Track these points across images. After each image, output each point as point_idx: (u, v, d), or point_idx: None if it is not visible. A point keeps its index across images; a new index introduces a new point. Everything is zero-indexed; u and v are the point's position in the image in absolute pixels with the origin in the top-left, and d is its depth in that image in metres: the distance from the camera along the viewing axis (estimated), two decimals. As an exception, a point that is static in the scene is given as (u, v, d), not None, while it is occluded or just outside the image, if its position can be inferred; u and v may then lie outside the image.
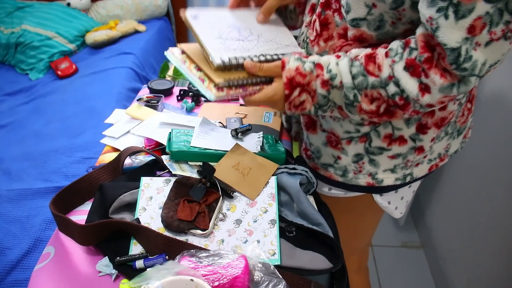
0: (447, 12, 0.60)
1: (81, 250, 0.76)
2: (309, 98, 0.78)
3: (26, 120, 1.84)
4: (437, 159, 0.93)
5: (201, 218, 0.75)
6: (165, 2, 2.62)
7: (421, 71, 0.67)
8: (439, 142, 0.89)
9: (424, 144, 0.86)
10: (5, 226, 1.28)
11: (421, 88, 0.68)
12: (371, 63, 0.71)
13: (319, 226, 0.78)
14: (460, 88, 0.66)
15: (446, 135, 0.89)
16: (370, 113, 0.75)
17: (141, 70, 2.19)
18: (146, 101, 1.18)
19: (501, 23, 0.59)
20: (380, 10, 0.71)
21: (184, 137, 0.93)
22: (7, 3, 2.46)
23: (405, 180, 0.92)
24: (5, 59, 2.31)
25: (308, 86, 0.77)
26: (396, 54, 0.69)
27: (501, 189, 1.37)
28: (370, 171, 0.90)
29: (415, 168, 0.92)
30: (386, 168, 0.89)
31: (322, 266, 0.72)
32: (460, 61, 0.62)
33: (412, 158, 0.88)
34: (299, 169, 0.86)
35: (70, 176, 1.46)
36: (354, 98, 0.74)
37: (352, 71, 0.73)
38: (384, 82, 0.70)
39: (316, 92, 0.77)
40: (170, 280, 0.60)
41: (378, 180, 0.91)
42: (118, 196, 0.79)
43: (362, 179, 0.92)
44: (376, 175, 0.90)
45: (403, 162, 0.88)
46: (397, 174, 0.90)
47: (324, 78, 0.75)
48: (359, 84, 0.73)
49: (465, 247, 1.60)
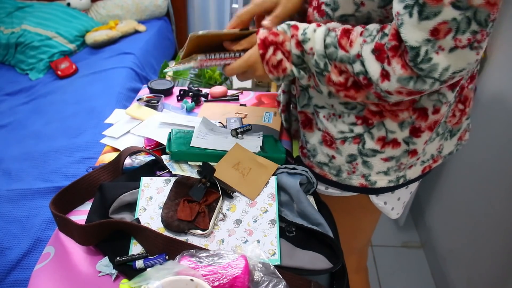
0: (412, 10, 0.61)
1: (81, 250, 0.76)
2: (285, 59, 0.79)
3: (26, 120, 1.84)
4: (430, 161, 0.93)
5: (201, 218, 0.75)
6: (165, 2, 2.62)
7: (385, 57, 0.68)
8: (431, 144, 0.89)
9: (418, 147, 0.86)
10: (5, 226, 1.28)
11: (382, 74, 0.69)
12: (345, 37, 0.72)
13: (319, 226, 0.78)
14: (417, 83, 0.67)
15: (438, 136, 0.89)
16: (338, 85, 0.76)
17: (141, 70, 2.19)
18: (146, 101, 1.18)
19: (467, 32, 0.60)
20: (368, 8, 0.73)
21: (184, 137, 0.93)
22: (7, 3, 2.46)
23: (398, 182, 0.92)
24: (5, 59, 2.32)
25: (282, 45, 0.78)
26: (369, 35, 0.70)
27: (501, 189, 1.37)
28: (364, 172, 0.90)
29: (408, 170, 0.92)
30: (379, 170, 0.89)
31: (322, 266, 0.72)
32: (418, 60, 0.63)
33: (406, 161, 0.88)
34: (299, 169, 0.86)
35: (70, 176, 1.46)
36: (324, 67, 0.75)
37: (326, 39, 0.74)
38: (352, 59, 0.71)
39: (291, 53, 0.78)
40: (170, 280, 0.60)
41: (371, 181, 0.91)
42: (118, 196, 0.79)
43: (355, 180, 0.92)
44: (369, 176, 0.91)
45: (397, 165, 0.88)
46: (390, 176, 0.90)
47: (298, 39, 0.77)
48: (329, 54, 0.74)
49: (465, 247, 1.60)
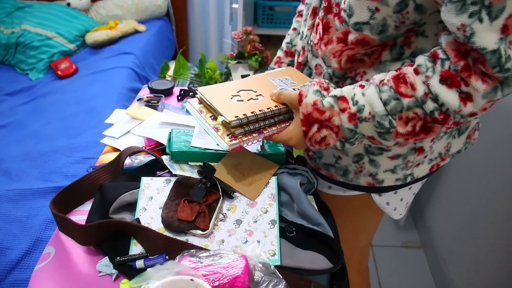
0: (481, 15, 0.58)
1: (81, 250, 0.76)
2: (332, 134, 0.75)
3: (26, 120, 1.84)
4: (438, 159, 0.92)
5: (201, 218, 0.75)
6: (165, 2, 2.62)
7: (460, 81, 0.64)
8: (438, 142, 0.88)
9: (424, 144, 0.85)
10: (5, 226, 1.28)
11: (461, 98, 0.64)
12: (402, 84, 0.68)
13: (319, 226, 0.78)
14: (504, 90, 0.63)
15: (445, 134, 0.88)
16: (407, 135, 0.71)
17: (141, 70, 2.19)
18: (146, 101, 1.18)
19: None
20: (383, 14, 0.70)
21: (184, 137, 0.93)
22: (7, 3, 2.46)
23: (406, 180, 0.92)
24: (5, 59, 2.31)
25: (329, 121, 0.74)
26: (427, 69, 0.66)
27: (501, 189, 1.37)
28: (371, 171, 0.90)
29: (416, 168, 0.91)
30: (387, 168, 0.89)
31: (322, 266, 0.72)
32: (502, 62, 0.60)
33: (413, 158, 0.88)
34: (299, 169, 0.86)
35: (70, 176, 1.46)
36: (389, 124, 0.70)
37: (382, 97, 0.70)
38: (420, 101, 0.67)
39: (342, 127, 0.74)
40: (170, 280, 0.60)
41: (379, 180, 0.91)
42: (118, 196, 0.79)
43: (362, 179, 0.92)
44: (376, 175, 0.90)
45: (403, 162, 0.88)
46: (398, 174, 0.90)
47: (352, 111, 0.72)
48: (392, 109, 0.69)
49: (465, 247, 1.60)
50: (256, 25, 2.13)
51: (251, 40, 1.61)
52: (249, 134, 0.78)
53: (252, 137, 0.78)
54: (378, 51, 0.77)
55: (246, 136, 0.77)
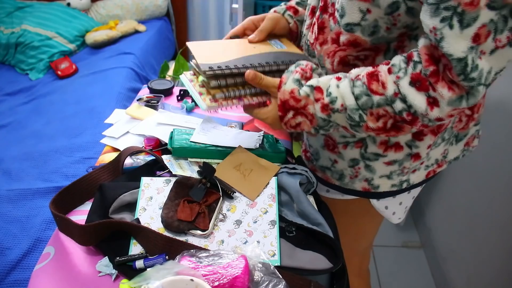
0: (452, 21, 0.58)
1: (81, 250, 0.76)
2: (307, 121, 0.76)
3: (26, 120, 1.84)
4: (434, 165, 0.92)
5: (201, 219, 0.75)
6: (165, 2, 2.62)
7: (428, 85, 0.64)
8: (436, 149, 0.87)
9: (421, 151, 0.85)
10: (5, 226, 1.28)
11: (429, 102, 0.65)
12: (374, 82, 0.69)
13: (319, 226, 0.78)
14: (469, 100, 0.63)
15: (443, 141, 0.87)
16: (377, 130, 0.72)
17: (141, 70, 2.19)
18: (146, 101, 1.18)
19: (506, 30, 0.58)
20: (375, 15, 0.70)
21: (185, 136, 0.93)
22: (7, 3, 2.46)
23: (402, 186, 0.91)
24: (5, 59, 2.31)
25: (304, 109, 0.75)
26: (399, 69, 0.67)
27: (501, 190, 1.37)
28: (366, 176, 0.90)
29: (412, 175, 0.91)
30: (382, 174, 0.88)
31: (322, 266, 0.72)
32: (468, 71, 0.60)
33: (409, 165, 0.87)
34: (299, 169, 0.86)
35: (70, 176, 1.46)
36: (359, 118, 0.71)
37: (354, 92, 0.71)
38: (390, 100, 0.68)
39: (315, 116, 0.75)
40: (170, 280, 0.60)
41: (374, 185, 0.91)
42: (118, 196, 0.79)
43: (358, 184, 0.91)
44: (372, 180, 0.90)
45: (400, 168, 0.87)
46: (394, 180, 0.90)
47: (324, 102, 0.73)
48: (363, 104, 0.70)
49: (465, 247, 1.60)
50: (256, 25, 2.13)
51: (251, 40, 1.61)
52: (229, 99, 0.81)
53: (232, 103, 0.82)
54: (372, 56, 0.77)
55: (226, 100, 0.81)
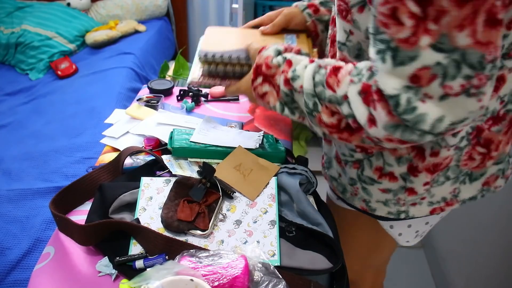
0: (385, 55, 0.55)
1: (81, 250, 0.76)
2: (273, 92, 0.75)
3: (26, 120, 1.84)
4: (441, 203, 0.85)
5: (201, 219, 0.75)
6: (165, 2, 2.62)
7: (371, 101, 0.59)
8: (439, 187, 0.81)
9: (416, 186, 0.80)
10: (5, 226, 1.28)
11: (369, 118, 0.61)
12: (333, 76, 0.66)
13: (319, 226, 0.78)
14: (404, 133, 0.58)
15: (448, 180, 0.80)
16: (331, 127, 0.68)
17: (141, 70, 2.19)
18: (146, 101, 1.18)
19: (459, 77, 0.52)
20: (357, 38, 0.69)
21: (185, 136, 0.93)
22: (7, 3, 2.46)
23: (399, 216, 0.87)
24: (5, 59, 2.32)
25: (272, 78, 0.74)
26: (358, 74, 0.63)
27: (501, 190, 1.37)
28: (364, 197, 0.88)
29: (412, 207, 0.86)
30: (378, 199, 0.86)
31: (322, 266, 0.72)
32: (400, 110, 0.55)
33: (404, 197, 0.83)
34: (299, 169, 0.86)
35: (70, 176, 1.46)
36: (313, 107, 0.68)
37: (315, 77, 0.68)
38: (339, 100, 0.64)
39: (280, 88, 0.73)
40: (170, 280, 0.60)
41: (371, 208, 0.88)
42: (118, 196, 0.79)
43: (357, 202, 0.90)
44: (369, 202, 0.88)
45: (395, 198, 0.84)
46: (390, 208, 0.86)
47: (288, 76, 0.71)
48: (319, 93, 0.67)
49: (465, 247, 1.60)
50: (256, 25, 2.13)
51: (251, 40, 1.61)
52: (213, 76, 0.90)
53: (214, 81, 0.91)
54: None
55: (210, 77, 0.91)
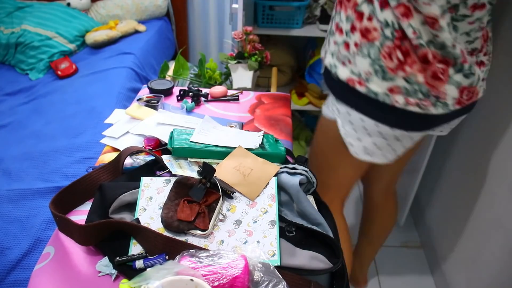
0: None
1: (81, 250, 0.76)
2: None
3: (26, 120, 1.84)
4: (358, 77, 0.97)
5: (201, 219, 0.75)
6: (165, 2, 2.62)
7: None
8: (361, 58, 0.95)
9: (350, 42, 0.96)
10: (5, 226, 1.28)
11: None
12: None
13: (319, 226, 0.78)
14: None
15: (369, 58, 0.94)
16: None
17: (141, 70, 2.19)
18: (146, 101, 1.18)
19: None
20: None
21: (185, 136, 0.93)
22: (7, 3, 2.46)
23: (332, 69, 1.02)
24: (5, 59, 2.31)
25: None
26: None
27: (501, 189, 1.37)
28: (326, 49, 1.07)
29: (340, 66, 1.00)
30: (331, 50, 1.03)
31: (322, 266, 0.72)
32: None
33: (342, 50, 0.99)
34: (299, 169, 0.86)
35: (70, 176, 1.46)
36: None
37: None
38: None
39: None
40: (170, 280, 0.60)
41: (325, 58, 1.06)
42: (118, 196, 0.79)
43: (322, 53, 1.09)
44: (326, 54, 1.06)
45: (337, 51, 1.00)
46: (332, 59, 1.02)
47: None
48: None
49: (465, 247, 1.60)
50: (256, 25, 2.13)
51: (251, 40, 1.62)
52: None
53: None
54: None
55: None
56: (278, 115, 1.23)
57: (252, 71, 1.58)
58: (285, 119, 1.22)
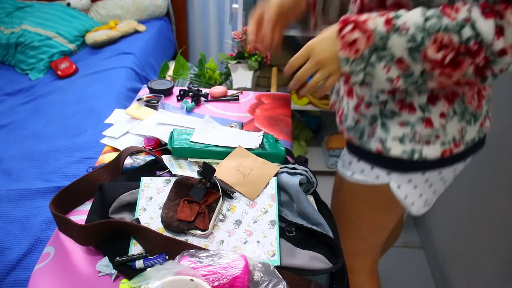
0: None
1: (81, 250, 0.76)
2: (364, 38, 0.75)
3: (26, 120, 1.84)
4: (451, 144, 0.89)
5: (201, 219, 0.75)
6: (165, 2, 2.62)
7: (496, 12, 0.66)
8: (450, 122, 0.87)
9: (433, 117, 0.85)
10: (5, 226, 1.28)
11: (496, 31, 0.67)
12: (449, 7, 0.71)
13: (319, 226, 0.78)
14: None
15: (455, 115, 0.86)
16: (434, 63, 0.72)
17: (141, 70, 2.19)
18: (146, 101, 1.18)
19: None
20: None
21: (185, 136, 0.93)
22: (7, 3, 2.46)
23: (413, 156, 0.89)
24: (5, 59, 2.31)
25: (363, 24, 0.75)
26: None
27: (501, 189, 1.37)
28: (381, 136, 0.90)
29: (426, 147, 0.89)
30: (395, 135, 0.89)
31: (322, 266, 0.72)
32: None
33: (420, 130, 0.87)
34: (299, 169, 0.86)
35: (70, 176, 1.45)
36: (421, 40, 0.71)
37: (426, 13, 0.72)
38: (459, 25, 0.69)
39: (375, 32, 0.74)
40: (170, 280, 0.60)
41: (387, 148, 0.90)
42: (118, 196, 0.79)
43: (373, 143, 0.91)
44: (385, 142, 0.90)
45: (411, 132, 0.87)
46: (405, 145, 0.89)
47: (390, 16, 0.74)
48: (431, 26, 0.70)
49: (465, 247, 1.60)
50: (256, 25, 2.13)
51: (251, 40, 1.61)
52: None
53: None
54: None
55: None
56: (278, 115, 1.23)
57: (252, 71, 1.58)
58: (285, 119, 1.22)
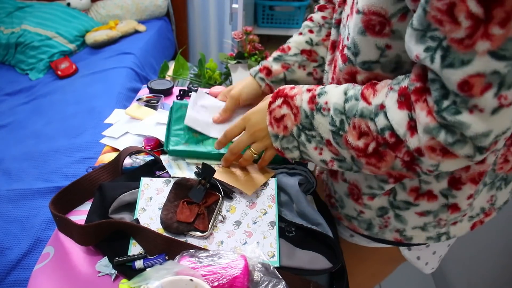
0: (434, 54, 0.49)
1: (80, 250, 0.76)
2: (291, 115, 0.69)
3: (26, 120, 1.84)
4: (480, 215, 0.79)
5: (200, 220, 0.75)
6: (165, 2, 2.63)
7: (411, 104, 0.54)
8: (478, 197, 0.75)
9: (459, 201, 0.71)
10: (5, 226, 1.28)
11: (409, 125, 0.54)
12: (370, 88, 0.61)
13: (318, 226, 0.78)
14: (447, 135, 0.51)
15: (485, 186, 0.74)
16: (357, 150, 0.62)
17: (141, 70, 2.19)
18: (146, 101, 1.18)
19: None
20: (396, 50, 0.61)
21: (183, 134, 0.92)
22: (7, 3, 2.46)
23: (440, 239, 0.79)
24: (5, 59, 2.32)
25: (292, 99, 0.69)
26: (398, 81, 0.58)
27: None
28: (397, 227, 0.78)
29: (452, 227, 0.78)
30: (415, 225, 0.77)
31: (322, 266, 0.72)
32: (441, 107, 0.50)
33: (446, 217, 0.74)
34: (299, 169, 0.86)
35: (70, 176, 1.46)
36: (340, 124, 0.62)
37: (348, 92, 0.63)
38: (374, 111, 0.58)
39: (300, 109, 0.67)
40: (170, 280, 0.60)
41: (407, 237, 0.79)
42: (117, 196, 0.79)
43: (389, 234, 0.81)
44: (404, 231, 0.79)
45: (435, 220, 0.75)
46: (429, 232, 0.78)
47: (315, 93, 0.67)
48: (349, 109, 0.61)
49: (465, 247, 1.60)
50: (256, 25, 2.13)
51: (251, 40, 1.62)
52: None
53: None
54: None
55: None
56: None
57: (252, 71, 1.58)
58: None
